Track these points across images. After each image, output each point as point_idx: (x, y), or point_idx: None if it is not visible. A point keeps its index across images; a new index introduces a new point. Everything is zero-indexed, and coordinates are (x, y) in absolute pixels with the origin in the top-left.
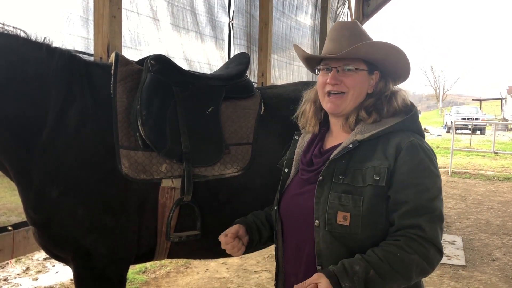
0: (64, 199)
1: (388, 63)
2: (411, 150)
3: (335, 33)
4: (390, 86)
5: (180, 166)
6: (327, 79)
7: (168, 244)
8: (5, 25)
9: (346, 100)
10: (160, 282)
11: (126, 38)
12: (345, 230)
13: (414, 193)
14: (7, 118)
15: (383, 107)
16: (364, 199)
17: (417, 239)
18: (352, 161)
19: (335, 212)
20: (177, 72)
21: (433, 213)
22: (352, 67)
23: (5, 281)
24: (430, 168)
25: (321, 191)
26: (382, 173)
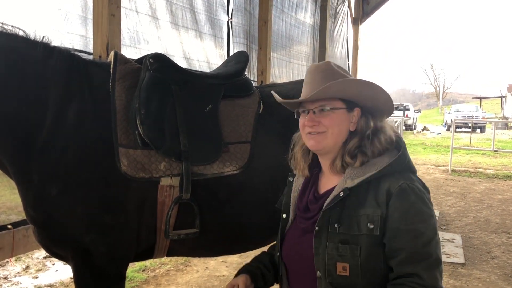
0: (63, 197)
1: (364, 99)
2: (401, 195)
3: (309, 76)
4: (371, 124)
5: (179, 164)
6: (305, 121)
7: (167, 242)
8: (4, 24)
9: (326, 138)
10: (160, 280)
11: (125, 36)
12: (346, 280)
13: (409, 240)
14: (7, 117)
15: (367, 149)
16: (362, 248)
17: (416, 286)
18: (345, 208)
19: (334, 264)
20: (175, 71)
21: (429, 259)
22: (327, 107)
23: (5, 280)
24: (422, 210)
25: (319, 242)
26: (375, 222)
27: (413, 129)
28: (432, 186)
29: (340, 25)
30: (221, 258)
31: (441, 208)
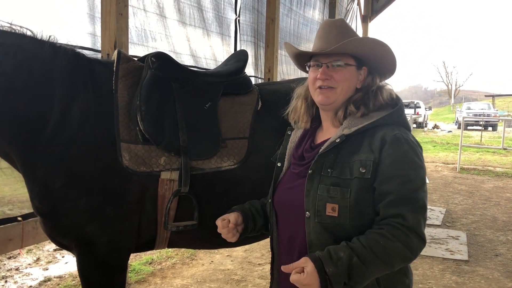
0: (67, 190)
1: (374, 58)
2: (395, 143)
3: (323, 31)
4: (377, 81)
5: (178, 159)
6: (317, 75)
7: (167, 234)
8: (12, 24)
9: (336, 93)
10: (166, 273)
11: (133, 34)
12: (334, 220)
13: (398, 184)
14: (14, 113)
15: (370, 101)
16: (352, 191)
17: (400, 227)
18: (340, 154)
19: (324, 204)
20: (176, 69)
21: (416, 203)
22: (341, 63)
23: (16, 270)
24: (414, 159)
25: (310, 184)
26: (368, 166)
27: (423, 127)
28: (440, 183)
29: (349, 22)
30: (226, 252)
31: (448, 206)
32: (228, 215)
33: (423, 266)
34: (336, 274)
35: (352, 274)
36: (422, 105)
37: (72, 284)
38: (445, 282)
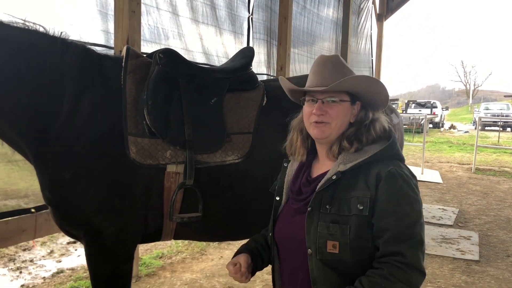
0: (76, 181)
1: (368, 94)
2: (390, 179)
3: (318, 67)
4: (369, 115)
5: (184, 153)
6: (312, 110)
7: (173, 225)
8: (26, 21)
9: (330, 128)
10: (176, 267)
11: (146, 32)
12: (335, 257)
13: (395, 220)
14: (26, 107)
15: (363, 136)
16: (351, 228)
17: (400, 266)
18: (337, 190)
19: (325, 242)
20: (183, 65)
21: (413, 239)
22: (336, 99)
23: (31, 262)
24: (409, 194)
25: (310, 222)
26: (365, 203)
27: (440, 127)
28: (454, 184)
29: (364, 21)
30: (236, 247)
31: (461, 206)
32: (237, 258)
33: (433, 266)
34: None
35: None
36: (439, 105)
37: (84, 276)
38: (454, 282)
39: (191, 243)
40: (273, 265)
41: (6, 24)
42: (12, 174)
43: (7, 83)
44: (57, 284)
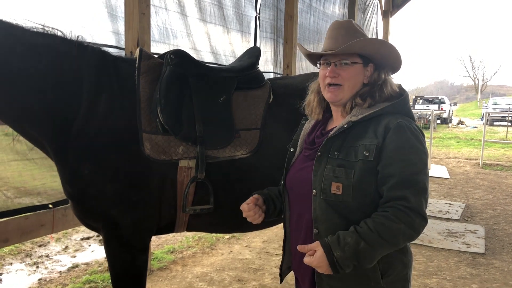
0: (95, 176)
1: (380, 56)
2: (398, 130)
3: (332, 32)
4: (382, 76)
5: (195, 148)
6: (326, 72)
7: (186, 217)
8: (45, 26)
9: (343, 91)
10: (187, 261)
11: (155, 33)
12: (338, 198)
13: (401, 167)
14: (47, 107)
15: (376, 94)
16: (355, 172)
17: (403, 209)
18: (347, 139)
19: (330, 183)
20: (193, 65)
21: (417, 185)
22: (348, 61)
23: (46, 257)
24: (416, 145)
25: (318, 165)
26: (371, 150)
27: (448, 123)
28: (462, 179)
29: (370, 17)
30: (245, 243)
31: (468, 201)
32: (250, 198)
33: (439, 258)
34: (344, 258)
35: (359, 257)
36: (447, 100)
37: (98, 270)
38: (459, 274)
39: (201, 238)
40: (284, 213)
41: (27, 29)
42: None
43: (29, 84)
44: (73, 278)
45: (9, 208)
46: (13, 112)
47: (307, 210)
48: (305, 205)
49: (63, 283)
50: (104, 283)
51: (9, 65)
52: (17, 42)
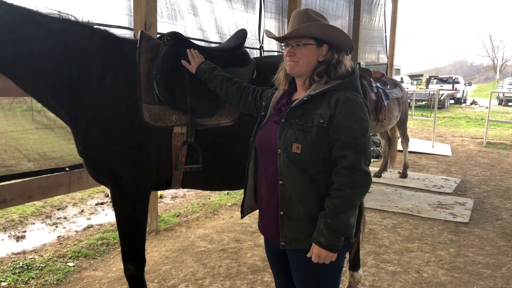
0: (103, 138)
1: (328, 38)
2: (346, 102)
3: (291, 19)
4: (335, 56)
5: (186, 117)
6: (286, 52)
7: (180, 175)
8: (61, 12)
9: (298, 65)
10: (191, 224)
11: (164, 14)
12: (298, 156)
13: (346, 133)
14: (63, 80)
15: (331, 72)
16: (312, 135)
17: (343, 171)
18: (306, 109)
19: (291, 144)
20: (186, 45)
21: (357, 147)
22: (301, 43)
23: (64, 219)
24: (360, 115)
25: (282, 130)
26: (325, 118)
27: (461, 103)
28: (463, 157)
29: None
30: None
31: (464, 177)
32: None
33: (424, 227)
34: (328, 238)
35: (336, 229)
36: (462, 80)
37: (110, 229)
38: (440, 240)
39: (205, 205)
40: (248, 163)
41: (46, 15)
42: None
43: (48, 62)
44: (88, 236)
45: (31, 170)
46: (37, 86)
47: (272, 164)
48: (271, 160)
49: (79, 239)
50: (115, 240)
51: (32, 46)
52: (38, 26)
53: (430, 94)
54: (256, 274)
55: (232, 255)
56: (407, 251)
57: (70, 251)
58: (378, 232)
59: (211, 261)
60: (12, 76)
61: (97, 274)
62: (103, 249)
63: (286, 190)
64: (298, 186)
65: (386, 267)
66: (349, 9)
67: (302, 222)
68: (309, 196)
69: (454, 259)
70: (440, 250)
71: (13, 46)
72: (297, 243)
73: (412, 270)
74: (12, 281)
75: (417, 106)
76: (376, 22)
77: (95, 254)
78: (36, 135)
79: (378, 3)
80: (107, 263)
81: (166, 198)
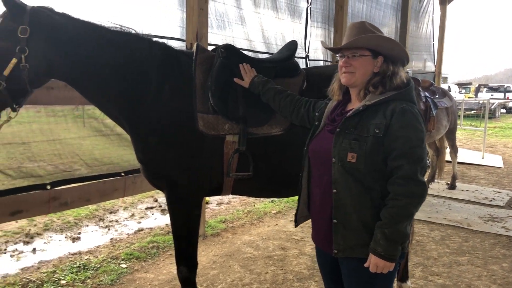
0: (160, 146)
1: (383, 49)
2: (402, 113)
3: (347, 31)
4: (391, 67)
5: (238, 126)
6: (341, 63)
7: (231, 182)
8: (122, 26)
9: (354, 76)
10: (236, 230)
11: (214, 25)
12: (352, 165)
13: (401, 143)
14: (124, 91)
15: (387, 84)
16: (367, 144)
17: (399, 181)
18: (361, 119)
19: (346, 153)
20: (239, 58)
21: (413, 157)
22: (357, 54)
23: (116, 222)
24: (415, 125)
25: (337, 139)
26: (381, 128)
27: None
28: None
29: (426, 5)
30: (290, 218)
31: None
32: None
33: (474, 240)
34: (385, 248)
35: (393, 239)
36: None
37: (160, 233)
38: (492, 254)
39: (250, 212)
40: (301, 173)
41: (109, 29)
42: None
43: (112, 74)
44: (139, 238)
45: (90, 174)
46: (100, 96)
47: (327, 172)
48: (325, 168)
49: (131, 242)
50: (164, 244)
51: (97, 59)
52: (102, 39)
53: (480, 103)
54: (302, 282)
55: (278, 262)
56: (457, 264)
57: (122, 253)
58: (426, 244)
59: (257, 268)
60: (77, 86)
61: (148, 276)
62: (154, 252)
63: (340, 198)
64: (353, 194)
65: (435, 280)
66: (395, 17)
67: (356, 231)
68: (363, 205)
69: (507, 274)
70: (492, 264)
71: (78, 58)
72: (350, 251)
73: (463, 284)
74: (70, 279)
75: (466, 115)
76: (424, 30)
77: (146, 256)
78: (88, 140)
79: (426, 11)
80: (157, 266)
81: (212, 204)
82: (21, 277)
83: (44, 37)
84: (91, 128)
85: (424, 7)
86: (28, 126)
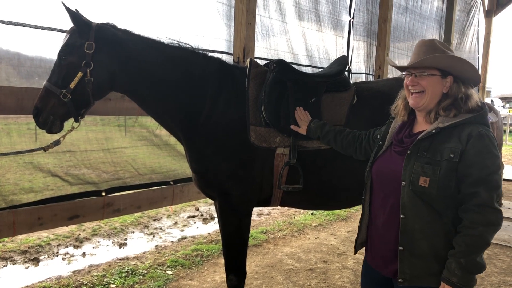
0: (214, 156)
1: (453, 69)
2: (479, 138)
3: (416, 49)
4: (462, 89)
5: (289, 139)
6: (407, 81)
7: (280, 194)
8: (180, 42)
9: (424, 98)
10: (278, 241)
11: (259, 38)
12: (424, 190)
13: (477, 169)
14: (182, 104)
15: (461, 106)
16: (441, 169)
17: (475, 208)
18: (434, 142)
19: (418, 177)
20: (291, 72)
21: (489, 184)
22: (425, 73)
23: (160, 229)
24: (492, 151)
25: (408, 161)
26: (456, 153)
27: None
28: None
29: (471, 18)
30: (330, 231)
31: None
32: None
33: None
34: (460, 278)
35: (468, 269)
36: None
37: (203, 242)
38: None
39: (291, 223)
40: (364, 196)
41: (167, 45)
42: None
43: (170, 87)
44: (183, 246)
45: (141, 182)
46: (158, 109)
47: (392, 195)
48: (391, 191)
49: (175, 250)
50: (208, 252)
51: (156, 73)
52: (161, 54)
53: None
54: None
55: (320, 275)
56: (506, 284)
57: (168, 260)
58: None
59: (300, 280)
60: (136, 98)
61: (193, 284)
62: (198, 260)
63: (408, 224)
64: (423, 221)
65: None
66: (439, 30)
67: (426, 259)
68: (435, 232)
69: None
70: None
71: (139, 72)
72: (417, 281)
73: None
74: (119, 284)
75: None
76: (468, 44)
77: (191, 264)
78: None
79: (471, 24)
80: (201, 274)
81: (252, 215)
82: (73, 280)
83: (108, 52)
84: (142, 137)
85: (469, 20)
86: (85, 135)
